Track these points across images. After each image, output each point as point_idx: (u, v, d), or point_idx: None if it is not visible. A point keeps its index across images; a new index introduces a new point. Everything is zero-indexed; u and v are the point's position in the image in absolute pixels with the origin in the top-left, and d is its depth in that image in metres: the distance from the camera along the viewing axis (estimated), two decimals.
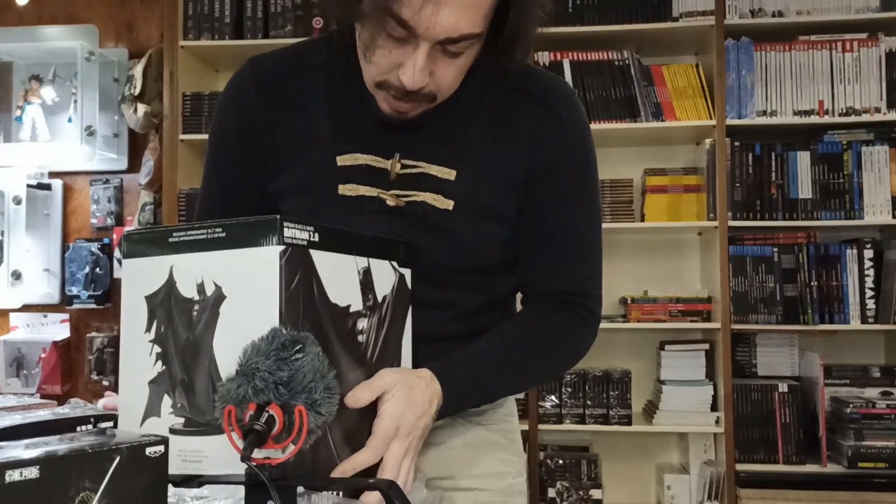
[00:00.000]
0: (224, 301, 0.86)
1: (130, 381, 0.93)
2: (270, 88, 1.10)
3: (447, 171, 1.05)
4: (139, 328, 0.92)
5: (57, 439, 0.70)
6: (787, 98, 2.94)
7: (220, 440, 0.81)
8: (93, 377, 3.55)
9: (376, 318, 0.98)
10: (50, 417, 1.00)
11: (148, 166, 3.35)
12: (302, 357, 0.79)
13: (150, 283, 0.91)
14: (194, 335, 0.88)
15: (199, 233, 0.89)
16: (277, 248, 0.84)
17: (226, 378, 0.80)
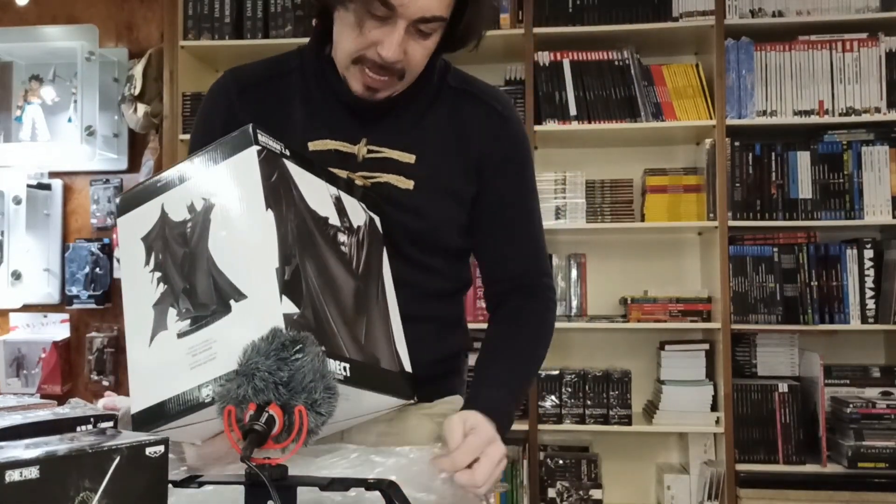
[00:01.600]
0: (213, 208, 0.93)
1: (135, 313, 0.97)
2: (250, 90, 1.23)
3: (408, 156, 1.19)
4: (138, 266, 0.98)
5: (57, 439, 0.70)
6: (787, 98, 2.94)
7: (227, 320, 0.89)
8: (93, 377, 3.55)
9: (355, 239, 1.07)
10: (50, 417, 1.00)
11: (148, 166, 3.35)
12: (302, 357, 0.79)
13: (144, 226, 0.99)
14: (190, 247, 0.94)
15: (183, 168, 0.98)
16: (254, 147, 0.93)
17: (226, 378, 0.80)
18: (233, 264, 0.92)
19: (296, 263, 0.92)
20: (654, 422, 2.95)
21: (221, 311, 0.90)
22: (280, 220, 0.92)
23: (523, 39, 3.02)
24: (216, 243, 0.93)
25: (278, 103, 1.21)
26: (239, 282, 0.90)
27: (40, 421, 0.97)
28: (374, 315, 1.05)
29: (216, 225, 0.93)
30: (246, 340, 0.83)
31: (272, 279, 0.88)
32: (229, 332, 0.88)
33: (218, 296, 0.91)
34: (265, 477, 0.73)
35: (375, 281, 1.09)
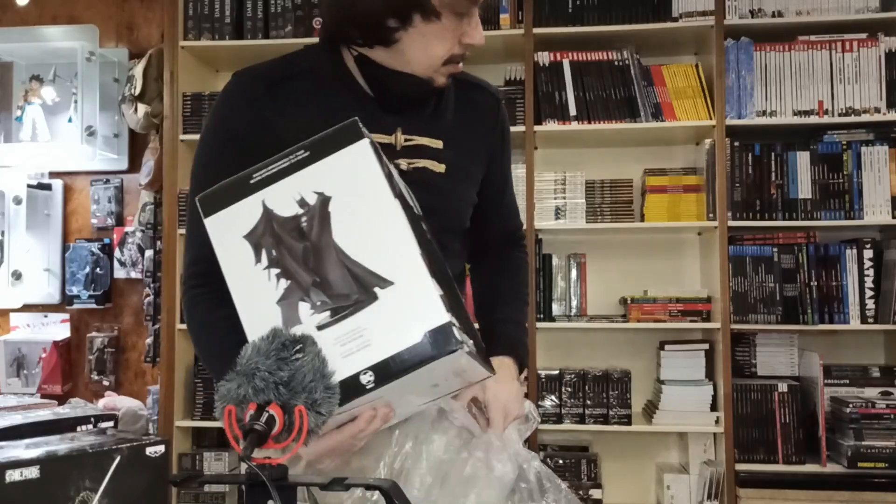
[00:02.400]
0: (330, 201, 0.96)
1: (256, 312, 0.97)
2: (275, 87, 1.23)
3: (437, 142, 1.26)
4: (247, 265, 0.98)
5: (57, 439, 0.70)
6: (786, 98, 2.94)
7: (375, 307, 0.92)
8: (93, 377, 3.55)
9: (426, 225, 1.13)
10: (50, 417, 1.00)
11: (148, 166, 3.35)
12: (302, 357, 0.80)
13: (244, 224, 0.99)
14: (311, 240, 0.96)
15: (280, 163, 0.99)
16: (365, 140, 0.98)
17: (226, 377, 0.80)
18: (369, 254, 0.94)
19: (424, 248, 0.97)
20: (654, 422, 2.95)
21: (366, 300, 0.93)
22: (402, 207, 0.96)
23: (523, 39, 3.02)
24: (344, 235, 0.95)
25: (300, 102, 1.24)
26: (380, 270, 0.94)
27: (41, 421, 0.98)
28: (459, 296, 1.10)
29: (339, 217, 0.96)
30: (402, 324, 0.90)
31: (419, 264, 0.93)
32: (380, 318, 0.92)
33: (358, 285, 0.94)
34: (265, 477, 0.73)
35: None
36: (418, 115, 1.26)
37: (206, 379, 3.13)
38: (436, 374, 0.96)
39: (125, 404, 3.28)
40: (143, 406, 3.31)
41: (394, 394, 0.96)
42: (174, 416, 3.09)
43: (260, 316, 0.96)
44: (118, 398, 3.37)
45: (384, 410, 1.00)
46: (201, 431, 3.24)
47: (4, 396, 1.68)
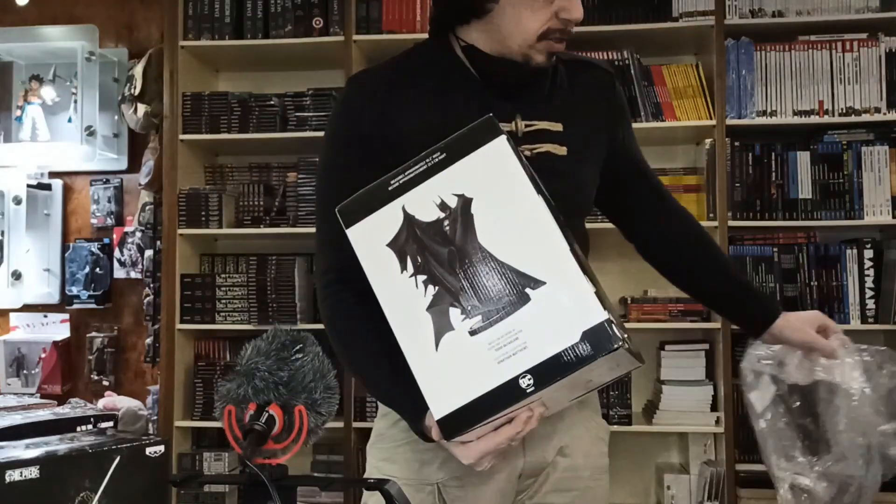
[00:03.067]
0: (472, 202, 0.94)
1: (407, 322, 0.97)
2: (391, 85, 1.24)
3: (556, 125, 1.24)
4: (394, 273, 0.97)
5: (57, 439, 0.70)
6: (787, 98, 2.94)
7: (529, 309, 0.91)
8: (93, 377, 3.55)
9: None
10: (50, 417, 1.00)
11: (148, 166, 3.35)
12: (302, 357, 0.80)
13: (386, 232, 0.98)
14: (456, 244, 0.95)
15: (417, 167, 0.98)
16: (502, 136, 0.96)
17: (226, 378, 0.81)
18: (517, 254, 0.93)
19: (570, 243, 0.95)
20: (654, 422, 2.95)
21: (518, 302, 0.92)
22: (547, 203, 0.94)
23: None
24: (489, 236, 0.94)
25: (417, 98, 1.24)
26: (530, 270, 0.92)
27: (40, 421, 0.98)
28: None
29: (483, 218, 0.94)
30: (558, 325, 0.89)
31: (569, 261, 0.92)
32: (535, 320, 0.91)
33: (509, 287, 0.92)
34: (265, 477, 0.73)
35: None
36: (533, 99, 1.25)
37: (205, 379, 3.13)
38: (594, 371, 0.95)
39: (125, 404, 3.28)
40: (142, 406, 3.31)
41: (551, 392, 0.95)
42: (174, 416, 3.09)
43: (411, 324, 0.96)
44: (118, 398, 3.37)
45: (539, 410, 0.99)
46: (201, 431, 3.24)
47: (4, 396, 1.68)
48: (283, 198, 3.20)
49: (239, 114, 3.15)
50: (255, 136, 3.14)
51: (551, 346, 0.89)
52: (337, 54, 3.12)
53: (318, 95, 3.13)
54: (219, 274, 3.21)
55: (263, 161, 3.34)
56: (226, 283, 3.14)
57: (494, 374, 0.91)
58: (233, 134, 3.15)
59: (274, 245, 3.30)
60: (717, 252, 1.45)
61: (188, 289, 3.14)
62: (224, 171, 3.36)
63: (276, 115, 3.14)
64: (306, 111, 3.12)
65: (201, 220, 3.14)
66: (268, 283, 3.10)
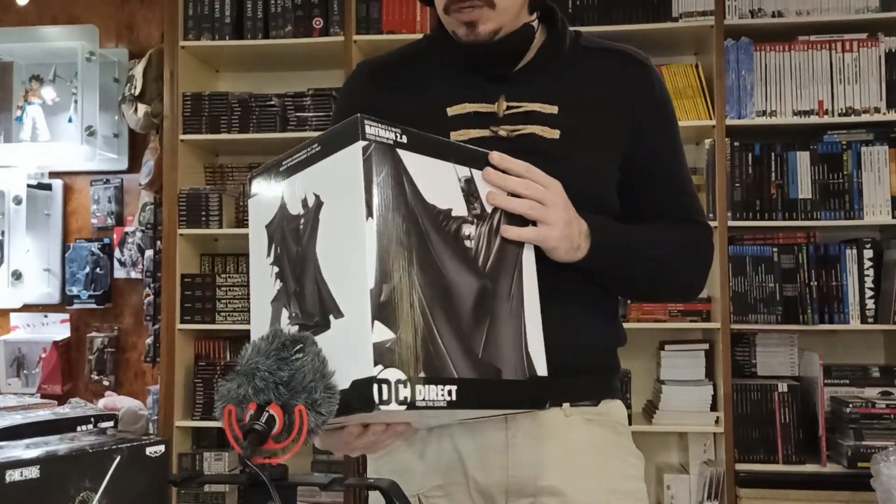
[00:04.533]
0: (322, 207, 0.90)
1: (258, 306, 0.96)
2: (380, 74, 1.25)
3: (550, 107, 1.16)
4: (261, 256, 0.96)
5: (57, 439, 0.70)
6: (786, 98, 2.94)
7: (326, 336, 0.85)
8: (93, 377, 3.55)
9: (486, 227, 0.97)
10: (50, 417, 1.00)
11: (148, 166, 3.35)
12: (302, 357, 0.79)
13: (268, 213, 0.96)
14: (301, 247, 0.91)
15: (302, 154, 0.93)
16: (360, 143, 0.86)
17: (226, 377, 0.81)
18: (335, 275, 0.87)
19: (397, 278, 0.85)
20: (654, 421, 2.95)
21: (323, 325, 0.87)
22: (383, 229, 0.85)
23: None
24: (322, 248, 0.89)
25: (412, 82, 1.23)
26: (339, 297, 0.86)
27: (40, 421, 0.97)
28: (502, 314, 0.97)
29: (323, 227, 0.89)
30: (341, 361, 0.82)
31: (366, 301, 0.82)
32: (329, 349, 0.84)
33: (321, 307, 0.87)
34: (265, 477, 0.73)
35: (510, 272, 0.99)
36: (531, 81, 1.18)
37: (205, 379, 3.13)
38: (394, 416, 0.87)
39: (125, 404, 3.28)
40: (143, 406, 3.31)
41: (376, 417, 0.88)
42: (174, 416, 3.10)
43: (260, 310, 0.95)
44: (118, 398, 3.37)
45: (378, 428, 0.91)
46: (201, 431, 3.25)
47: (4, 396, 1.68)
48: None
49: (239, 114, 3.15)
50: (255, 136, 3.14)
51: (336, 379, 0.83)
52: (337, 54, 3.12)
53: (318, 95, 3.13)
54: (219, 274, 3.21)
55: (263, 161, 3.34)
56: (226, 283, 3.14)
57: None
58: (233, 134, 3.16)
59: None
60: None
61: (188, 289, 3.14)
62: (224, 171, 3.36)
63: (276, 115, 3.14)
64: (306, 111, 3.12)
65: (201, 220, 3.14)
66: None
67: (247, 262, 3.27)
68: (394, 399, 0.81)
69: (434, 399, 0.84)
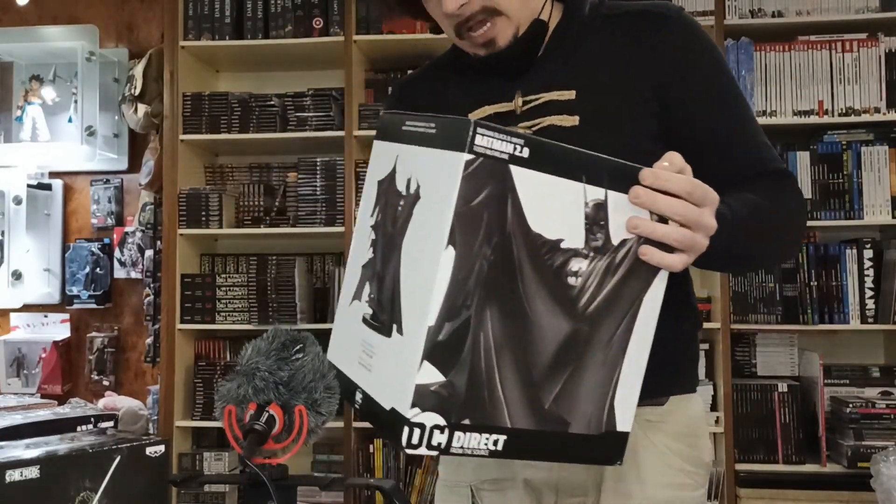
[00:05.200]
0: (418, 203, 0.80)
1: (352, 261, 0.91)
2: (408, 87, 1.27)
3: (567, 94, 1.10)
4: (367, 211, 0.90)
5: (57, 439, 0.70)
6: (786, 98, 2.94)
7: (386, 343, 0.80)
8: (93, 377, 3.55)
9: (604, 264, 0.83)
10: (50, 417, 1.00)
11: (148, 166, 3.35)
12: (302, 357, 0.79)
13: (382, 168, 0.88)
14: (395, 231, 0.83)
15: (422, 125, 0.82)
16: (463, 156, 0.74)
17: (226, 377, 0.81)
18: (408, 286, 0.79)
19: (466, 316, 0.76)
20: None
21: (388, 329, 0.80)
22: (463, 262, 0.75)
23: None
24: (407, 249, 0.80)
25: (435, 93, 1.22)
26: (406, 310, 0.78)
27: (40, 421, 0.97)
28: (591, 363, 0.84)
29: (413, 226, 0.80)
30: (389, 378, 0.77)
31: (421, 337, 0.74)
32: (384, 357, 0.80)
33: (391, 310, 0.80)
34: (265, 477, 0.73)
35: (619, 315, 0.85)
36: (545, 68, 1.13)
37: (205, 379, 3.13)
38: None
39: (125, 404, 3.28)
40: (143, 406, 3.31)
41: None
42: (174, 416, 3.10)
43: (352, 266, 0.91)
44: (118, 398, 3.37)
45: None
46: (201, 431, 3.25)
47: (4, 396, 1.68)
48: (283, 198, 3.20)
49: (239, 114, 3.15)
50: (255, 136, 3.14)
51: (376, 390, 0.79)
52: (337, 54, 3.12)
53: (318, 95, 3.13)
54: (219, 274, 3.21)
55: (263, 161, 3.35)
56: (226, 283, 3.14)
57: (352, 366, 0.85)
58: (233, 134, 3.15)
59: (274, 245, 3.30)
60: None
61: (188, 289, 3.14)
62: (224, 171, 3.36)
63: (276, 115, 3.14)
64: (306, 111, 3.12)
65: (201, 220, 3.14)
66: (268, 283, 3.11)
67: (247, 262, 3.27)
68: (424, 444, 0.75)
69: (474, 447, 0.77)
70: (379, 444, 3.05)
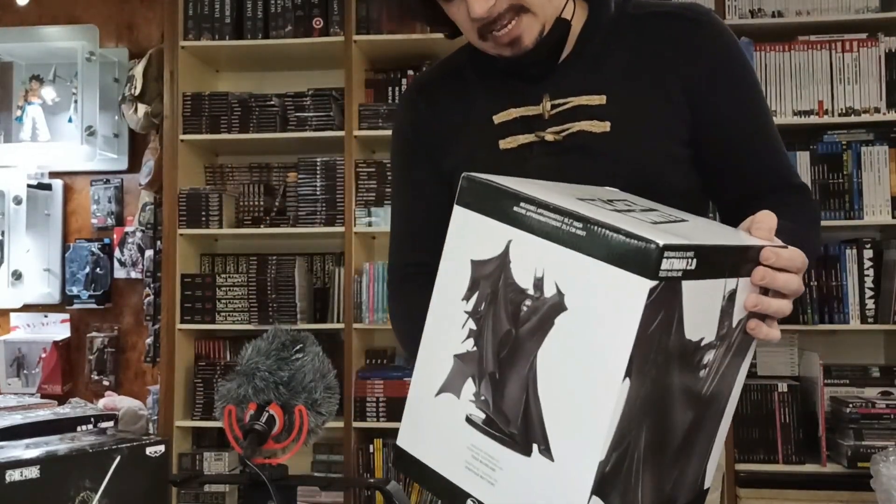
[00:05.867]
0: (563, 313, 0.72)
1: (434, 344, 0.80)
2: (428, 88, 1.23)
3: (597, 98, 1.08)
4: (457, 291, 0.79)
5: (57, 439, 0.70)
6: (786, 98, 2.94)
7: (520, 460, 0.73)
8: (93, 377, 3.55)
9: (724, 348, 0.81)
10: (50, 417, 1.00)
11: (148, 166, 3.35)
12: (302, 357, 0.79)
13: (481, 247, 0.77)
14: (518, 333, 0.74)
15: (553, 216, 0.73)
16: (649, 283, 0.66)
17: (227, 378, 0.81)
18: (555, 405, 0.72)
19: (627, 442, 0.71)
20: None
21: (521, 444, 0.73)
22: (636, 392, 0.70)
23: None
24: (548, 362, 0.72)
25: (458, 97, 1.19)
26: (553, 432, 0.71)
27: (40, 421, 0.97)
28: (701, 440, 0.83)
29: (557, 338, 0.72)
30: (529, 497, 0.72)
31: (590, 471, 0.69)
32: (517, 475, 0.73)
33: (525, 425, 0.73)
34: (265, 477, 0.73)
35: (727, 391, 0.85)
36: (575, 71, 1.10)
37: (205, 379, 3.13)
38: None
39: (125, 404, 3.28)
40: (143, 406, 3.31)
41: None
42: (174, 416, 3.10)
43: (435, 348, 0.80)
44: (118, 398, 3.37)
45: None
46: (201, 431, 3.25)
47: (4, 396, 1.68)
48: (283, 198, 3.20)
49: (239, 114, 3.15)
50: (255, 136, 3.14)
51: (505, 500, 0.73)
52: (337, 54, 3.12)
53: (318, 95, 3.13)
54: (219, 274, 3.21)
55: (263, 161, 3.35)
56: (226, 283, 3.14)
57: (456, 469, 0.77)
58: (233, 134, 3.16)
59: (274, 245, 3.30)
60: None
61: (188, 289, 3.14)
62: (224, 171, 3.36)
63: (276, 115, 3.14)
64: (306, 111, 3.12)
65: (201, 220, 3.14)
66: (268, 283, 3.11)
67: (247, 262, 3.27)
68: None
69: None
70: (379, 444, 3.05)
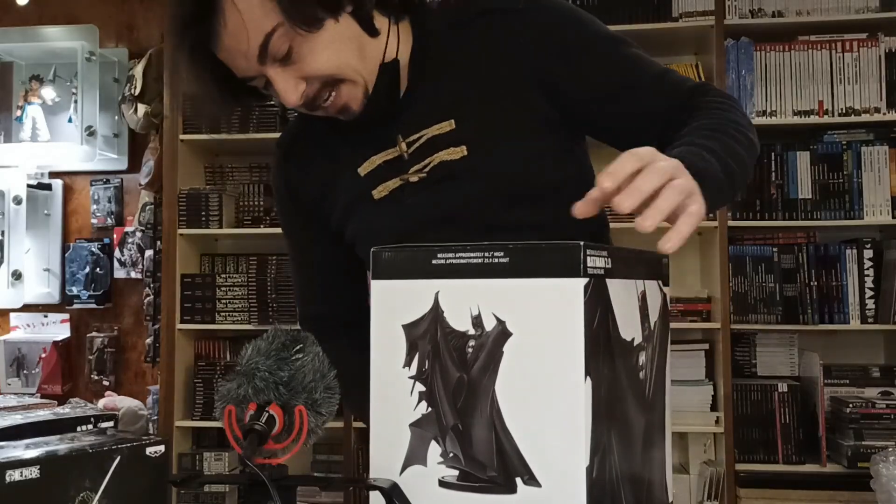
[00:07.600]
0: (509, 339, 0.73)
1: (385, 421, 0.79)
2: (294, 149, 1.21)
3: (446, 125, 1.06)
4: (395, 362, 0.78)
5: (57, 439, 0.70)
6: (786, 98, 2.94)
7: (508, 500, 0.72)
8: (93, 377, 3.55)
9: (650, 349, 0.83)
10: (50, 417, 1.00)
11: (148, 166, 3.35)
12: (302, 357, 0.79)
13: (409, 310, 0.77)
14: (471, 375, 0.74)
15: (472, 256, 0.75)
16: (580, 280, 0.70)
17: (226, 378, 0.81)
18: (527, 432, 0.72)
19: (602, 447, 0.72)
20: None
21: (504, 484, 0.72)
22: (597, 388, 0.71)
23: None
24: (508, 391, 0.72)
25: (322, 152, 1.16)
26: (532, 461, 0.71)
27: (40, 421, 0.97)
28: (657, 447, 0.84)
29: (510, 365, 0.73)
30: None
31: (578, 480, 0.69)
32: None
33: (500, 462, 0.73)
34: (265, 477, 0.73)
35: (662, 394, 0.86)
36: (417, 104, 1.08)
37: (205, 379, 3.13)
38: None
39: (125, 404, 3.28)
40: (143, 406, 3.31)
41: None
42: (174, 416, 3.10)
43: (387, 424, 0.79)
44: (118, 398, 3.37)
45: None
46: (201, 431, 3.25)
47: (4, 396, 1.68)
48: None
49: (239, 114, 3.15)
50: (255, 136, 3.14)
51: None
52: None
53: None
54: (219, 274, 3.21)
55: (263, 161, 3.34)
56: (226, 283, 3.14)
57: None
58: (233, 134, 3.15)
59: (274, 245, 3.30)
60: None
61: (188, 289, 3.14)
62: (224, 171, 3.36)
63: (276, 115, 3.14)
64: None
65: (201, 220, 3.14)
66: (268, 283, 3.11)
67: (247, 262, 3.26)
68: None
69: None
70: None
